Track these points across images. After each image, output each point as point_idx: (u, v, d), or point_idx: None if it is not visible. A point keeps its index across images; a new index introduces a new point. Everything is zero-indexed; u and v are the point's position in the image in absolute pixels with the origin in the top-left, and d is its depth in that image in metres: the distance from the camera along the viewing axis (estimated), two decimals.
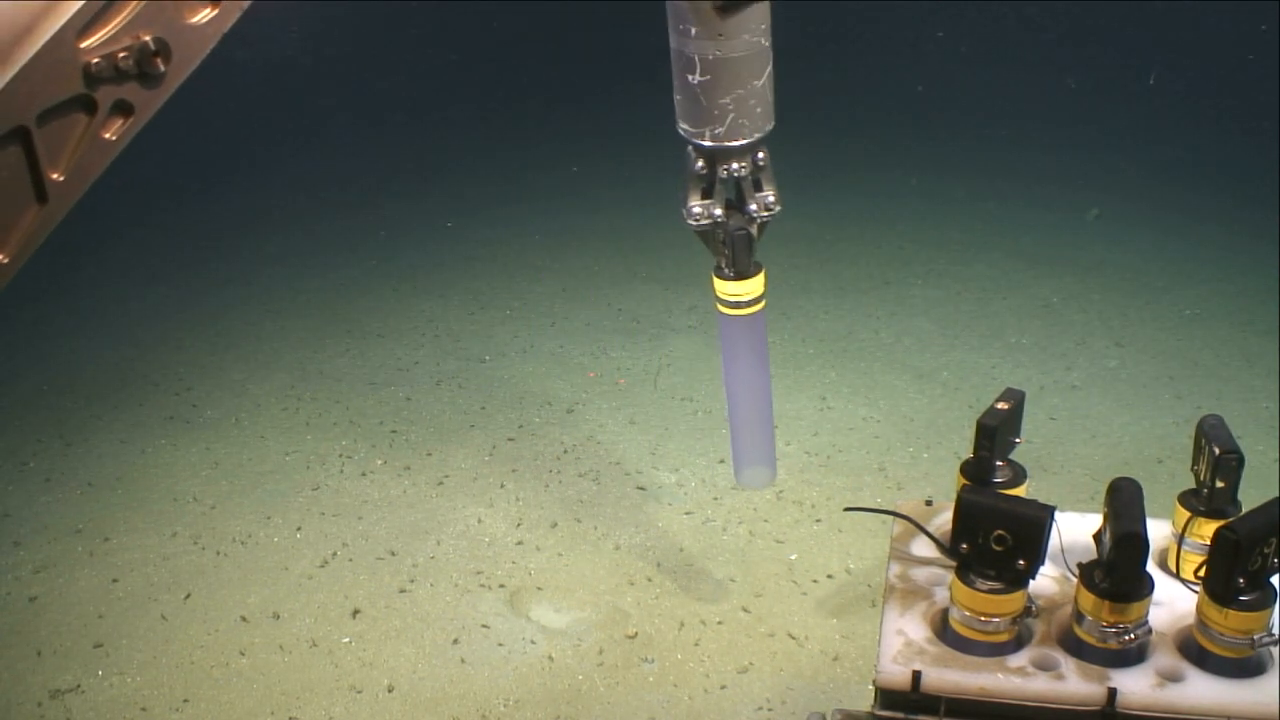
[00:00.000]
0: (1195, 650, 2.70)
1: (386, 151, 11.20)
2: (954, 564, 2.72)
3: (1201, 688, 2.62)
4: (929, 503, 3.33)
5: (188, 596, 5.04)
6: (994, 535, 2.60)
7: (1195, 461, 3.06)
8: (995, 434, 3.02)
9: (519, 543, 5.36)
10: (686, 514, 5.56)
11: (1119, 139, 11.44)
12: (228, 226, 9.27)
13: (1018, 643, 2.72)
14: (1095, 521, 2.82)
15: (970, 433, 3.13)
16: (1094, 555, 2.77)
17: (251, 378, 6.99)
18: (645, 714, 4.37)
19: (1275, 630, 2.65)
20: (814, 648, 4.69)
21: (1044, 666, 2.66)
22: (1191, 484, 3.07)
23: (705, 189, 3.46)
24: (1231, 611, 2.62)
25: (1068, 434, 6.23)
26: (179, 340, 7.40)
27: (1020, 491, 3.07)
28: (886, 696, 2.68)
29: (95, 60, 1.78)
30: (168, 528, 5.51)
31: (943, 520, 2.97)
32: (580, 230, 9.36)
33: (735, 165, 3.40)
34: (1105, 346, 7.39)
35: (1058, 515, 2.78)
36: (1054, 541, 2.77)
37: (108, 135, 1.86)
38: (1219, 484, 2.95)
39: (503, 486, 5.80)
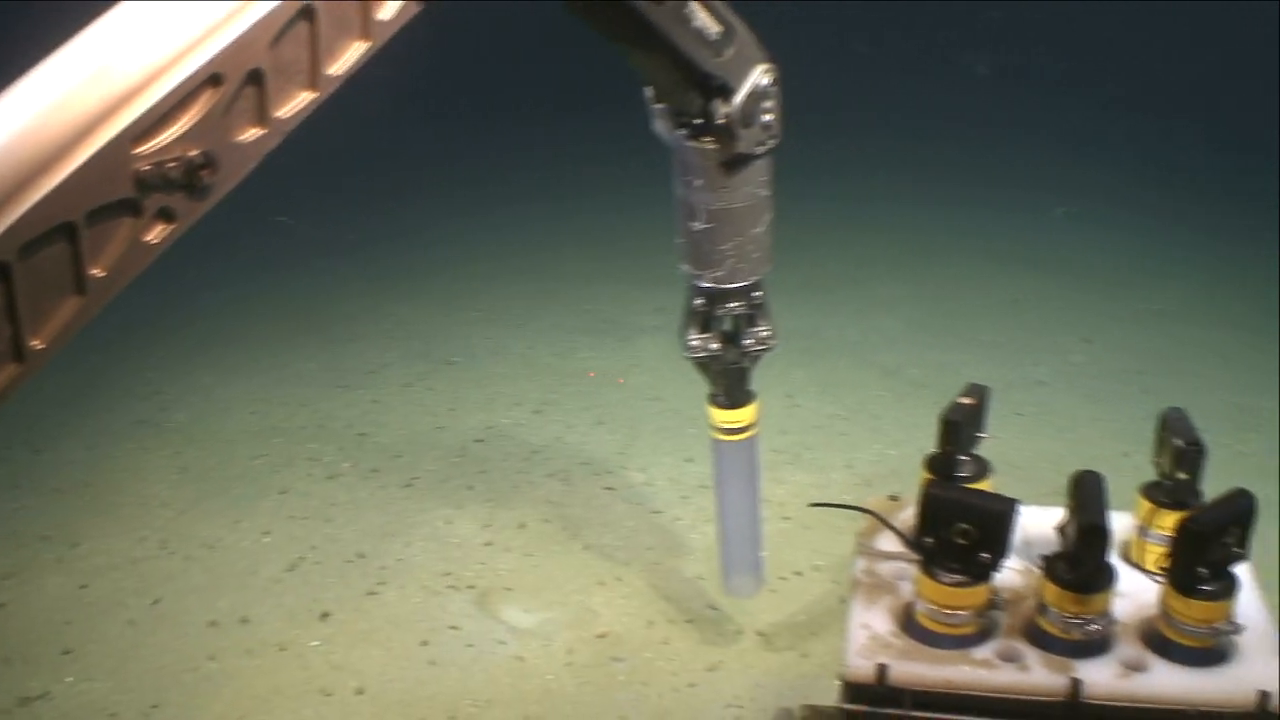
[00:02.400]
0: (1159, 640, 2.73)
1: (357, 155, 11.19)
2: (919, 558, 2.74)
3: (1165, 677, 2.65)
4: (894, 498, 3.37)
5: (156, 602, 5.01)
6: (958, 529, 2.62)
7: (1157, 454, 3.09)
8: (959, 429, 3.04)
9: (488, 544, 5.35)
10: (655, 513, 5.56)
11: (1085, 140, 11.52)
12: (197, 230, 9.21)
13: (983, 635, 2.74)
14: (1059, 514, 2.84)
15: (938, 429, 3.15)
16: (1058, 548, 2.78)
17: (221, 381, 6.97)
18: (615, 713, 4.36)
19: (1237, 619, 2.67)
20: (782, 644, 4.70)
21: (1009, 658, 2.68)
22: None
23: (703, 324, 3.58)
24: (1194, 601, 2.64)
25: (1035, 430, 6.26)
26: (148, 344, 7.36)
27: (985, 486, 3.10)
28: (853, 690, 2.70)
29: (146, 167, 1.86)
30: (136, 532, 5.47)
31: (908, 515, 2.99)
32: (551, 232, 9.37)
33: (733, 304, 3.52)
34: (1072, 343, 7.43)
35: (1022, 509, 2.80)
36: (1018, 534, 2.79)
37: (149, 239, 1.96)
38: (1181, 476, 2.98)
39: (471, 488, 5.79)
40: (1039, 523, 3.03)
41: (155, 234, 1.93)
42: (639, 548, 5.30)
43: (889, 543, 3.13)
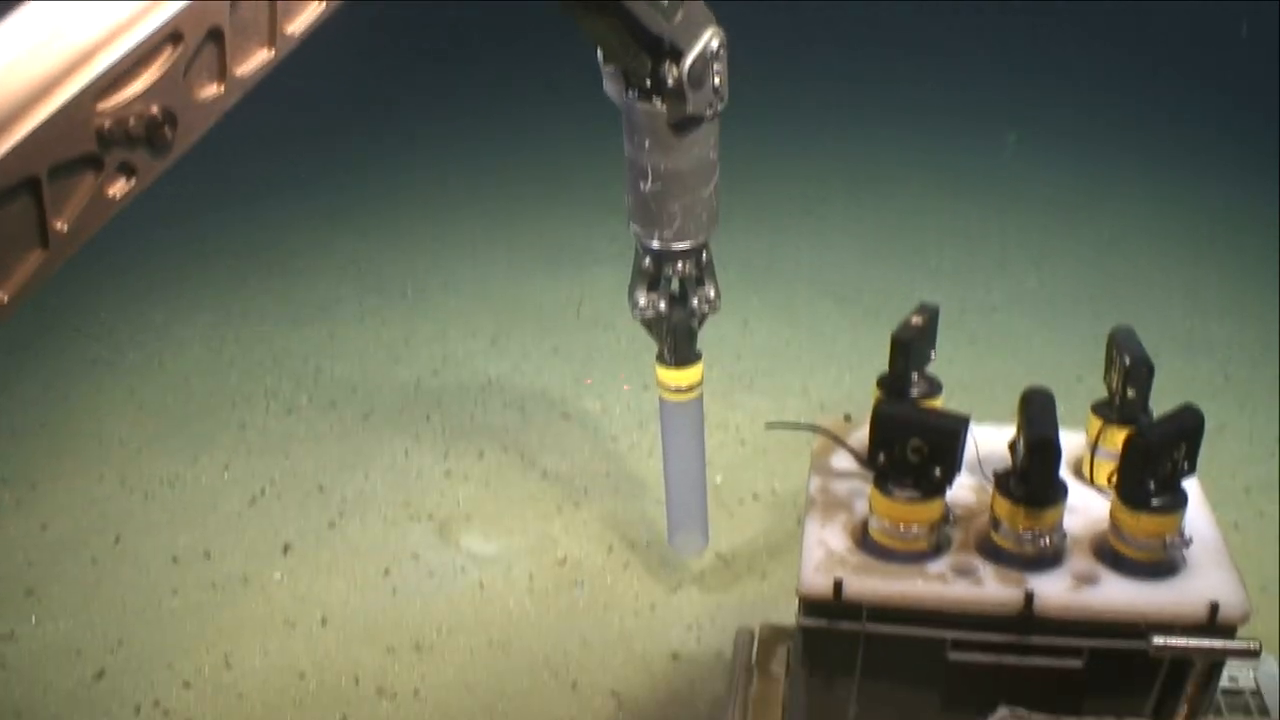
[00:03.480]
0: (1110, 554, 2.76)
1: (300, 91, 11.08)
2: (872, 475, 2.77)
3: (1116, 589, 2.68)
4: (848, 418, 3.39)
5: (117, 539, 5.02)
6: (910, 445, 2.65)
7: (1107, 372, 3.11)
8: (910, 347, 3.06)
9: (446, 473, 5.38)
10: (611, 440, 5.60)
11: (1036, 68, 11.52)
12: None
13: (936, 550, 2.77)
14: (1011, 432, 2.87)
15: None
16: (1010, 464, 2.81)
17: (174, 319, 6.94)
18: (576, 637, 4.42)
19: (1186, 533, 2.70)
20: (741, 567, 4.76)
21: (963, 572, 2.71)
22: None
23: (651, 283, 3.63)
24: (1144, 515, 2.67)
25: (988, 353, 6.32)
26: (100, 284, 7.30)
27: (936, 404, 3.13)
28: (809, 606, 2.73)
29: (108, 123, 1.85)
30: (94, 471, 5.47)
31: (862, 435, 3.01)
32: (500, 163, 9.33)
33: (681, 265, 3.56)
34: (1024, 268, 7.48)
35: (975, 427, 2.83)
36: (971, 452, 2.82)
37: (111, 193, 1.93)
38: (1130, 393, 3.00)
39: (428, 419, 5.81)
40: (991, 441, 3.06)
41: (117, 189, 1.94)
42: (597, 474, 5.34)
43: (843, 461, 3.16)
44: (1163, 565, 2.72)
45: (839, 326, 6.65)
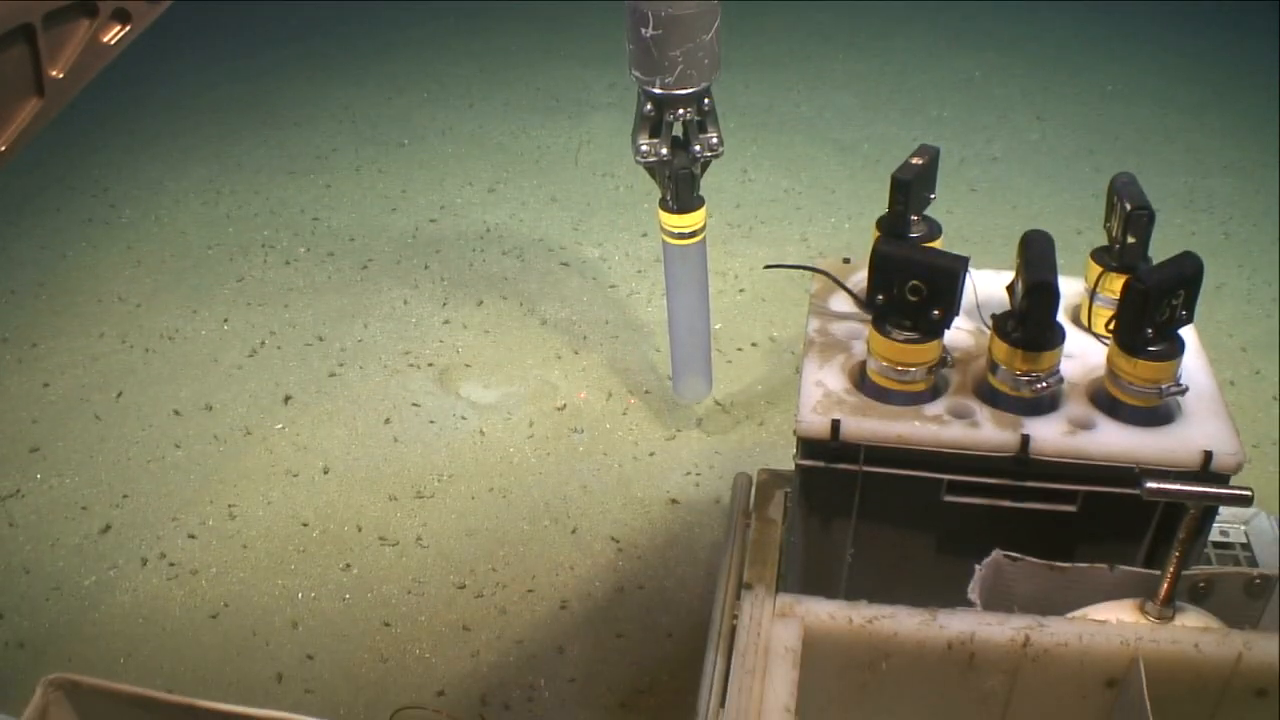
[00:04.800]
0: (1106, 400, 2.75)
1: None
2: (871, 316, 2.76)
3: (1111, 435, 2.67)
4: (847, 260, 3.37)
5: (119, 395, 5.03)
6: (909, 286, 2.63)
7: (1107, 218, 3.09)
8: (910, 188, 3.03)
9: (445, 322, 5.39)
10: (611, 287, 5.60)
11: None
12: None
13: (934, 392, 2.77)
14: (1011, 277, 2.86)
15: None
16: (1008, 307, 2.81)
17: (169, 174, 6.90)
18: (576, 482, 4.46)
19: (1182, 381, 2.70)
20: (740, 414, 4.78)
21: (960, 415, 2.71)
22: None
23: (653, 129, 3.69)
24: (1140, 361, 2.65)
25: (988, 204, 6.30)
26: (93, 142, 7.25)
27: (936, 245, 3.10)
28: (807, 446, 2.73)
29: None
30: (94, 329, 5.48)
31: (860, 277, 3.00)
32: (496, 10, 9.22)
33: (682, 110, 3.63)
34: (1027, 120, 7.43)
35: (974, 272, 2.82)
36: (970, 296, 2.81)
37: (106, 39, 1.94)
38: (1130, 240, 2.98)
39: (427, 268, 5.81)
40: (990, 285, 3.05)
41: (112, 35, 1.93)
42: (595, 322, 5.35)
43: (842, 303, 3.15)
44: (1158, 412, 2.71)
45: (838, 176, 6.61)
